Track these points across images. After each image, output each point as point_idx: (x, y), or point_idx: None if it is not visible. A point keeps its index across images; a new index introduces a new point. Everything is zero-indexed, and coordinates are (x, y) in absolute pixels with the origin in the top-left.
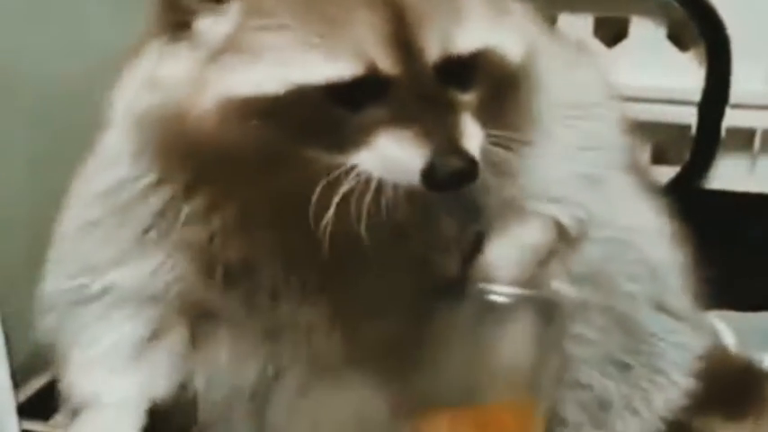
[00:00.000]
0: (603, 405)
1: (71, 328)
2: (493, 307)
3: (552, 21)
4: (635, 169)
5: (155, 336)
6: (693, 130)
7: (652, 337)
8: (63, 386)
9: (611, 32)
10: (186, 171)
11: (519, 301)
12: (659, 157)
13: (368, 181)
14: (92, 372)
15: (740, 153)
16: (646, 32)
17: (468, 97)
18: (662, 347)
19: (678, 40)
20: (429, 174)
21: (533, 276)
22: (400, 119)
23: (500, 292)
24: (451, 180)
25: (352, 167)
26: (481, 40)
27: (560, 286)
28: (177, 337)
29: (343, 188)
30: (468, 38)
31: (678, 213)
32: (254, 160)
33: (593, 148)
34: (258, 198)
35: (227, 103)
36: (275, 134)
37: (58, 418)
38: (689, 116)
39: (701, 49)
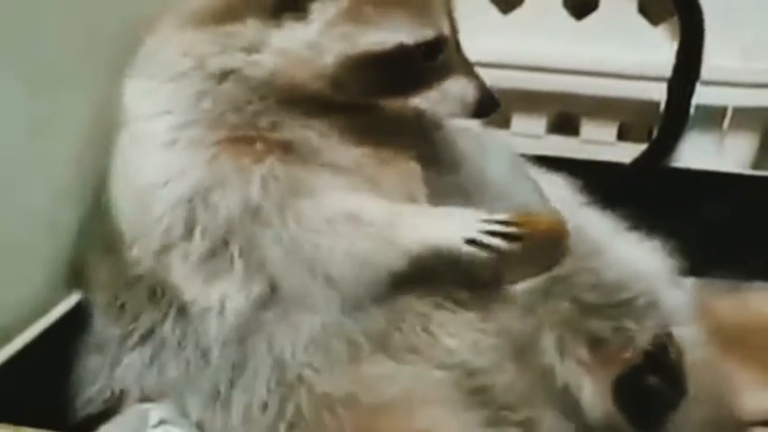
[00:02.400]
0: None
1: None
2: None
3: None
4: None
5: None
6: (662, 107)
7: None
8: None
9: (581, 4)
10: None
11: None
12: (626, 134)
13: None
14: None
15: (708, 131)
16: (616, 5)
17: None
18: None
19: (649, 13)
20: (479, 106)
21: None
22: (454, 68)
23: None
24: (491, 110)
25: (416, 107)
26: None
27: None
28: None
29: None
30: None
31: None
32: (353, 103)
33: None
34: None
35: (349, 60)
36: (374, 80)
37: None
38: (658, 93)
39: (673, 24)
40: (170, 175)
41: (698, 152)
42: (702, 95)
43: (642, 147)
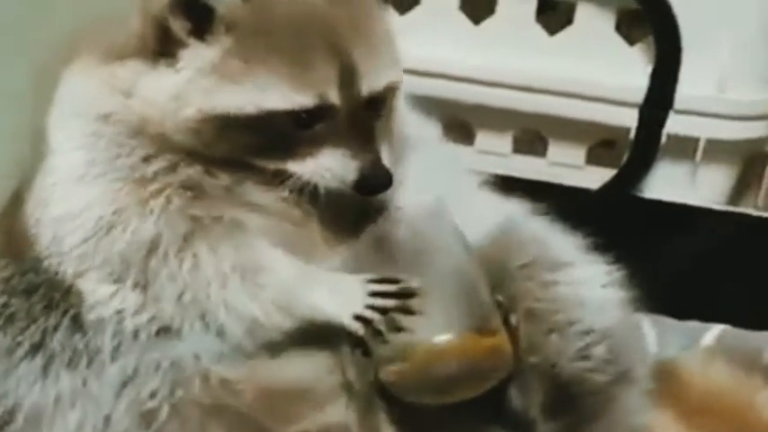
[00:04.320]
0: None
1: None
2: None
3: (492, 0)
4: None
5: None
6: (632, 133)
7: None
8: None
9: (556, 19)
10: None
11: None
12: (595, 159)
13: (305, 184)
14: None
15: (681, 162)
16: (593, 20)
17: (380, 121)
18: None
19: (627, 31)
20: (360, 183)
21: None
22: (339, 138)
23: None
24: (376, 190)
25: (294, 174)
26: (389, 77)
27: None
28: None
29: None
30: (383, 77)
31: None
32: (215, 157)
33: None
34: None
35: (209, 118)
36: (241, 142)
37: None
38: (629, 118)
39: (649, 45)
40: (79, 208)
41: (669, 183)
42: (675, 124)
43: (611, 173)
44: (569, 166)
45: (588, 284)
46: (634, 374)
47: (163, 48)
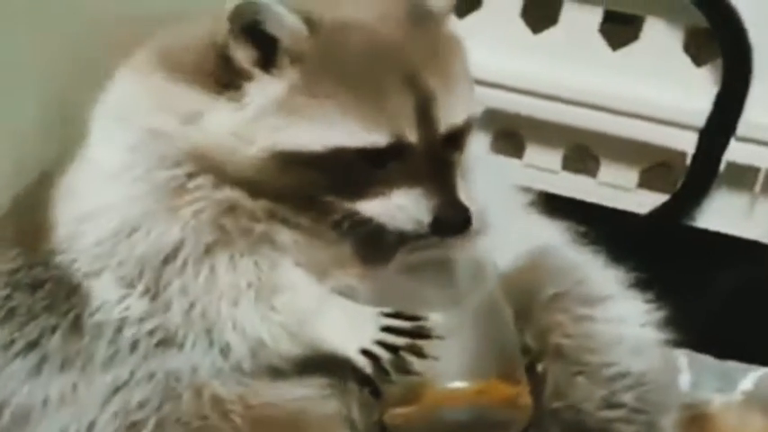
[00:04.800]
0: None
1: None
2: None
3: (556, 9)
4: None
5: None
6: (689, 158)
7: None
8: None
9: (621, 32)
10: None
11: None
12: (647, 183)
13: (372, 224)
14: None
15: (738, 192)
16: (660, 37)
17: (458, 156)
18: None
19: (695, 51)
20: (436, 225)
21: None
22: (414, 177)
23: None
24: (454, 230)
25: (359, 212)
26: (467, 110)
27: None
28: None
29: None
30: (462, 112)
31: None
32: (282, 195)
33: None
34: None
35: (275, 155)
36: (306, 179)
37: None
38: (688, 142)
39: (718, 67)
40: (106, 206)
41: (723, 213)
42: (736, 152)
43: (664, 198)
44: (620, 188)
45: (626, 323)
46: (662, 424)
47: (226, 78)
